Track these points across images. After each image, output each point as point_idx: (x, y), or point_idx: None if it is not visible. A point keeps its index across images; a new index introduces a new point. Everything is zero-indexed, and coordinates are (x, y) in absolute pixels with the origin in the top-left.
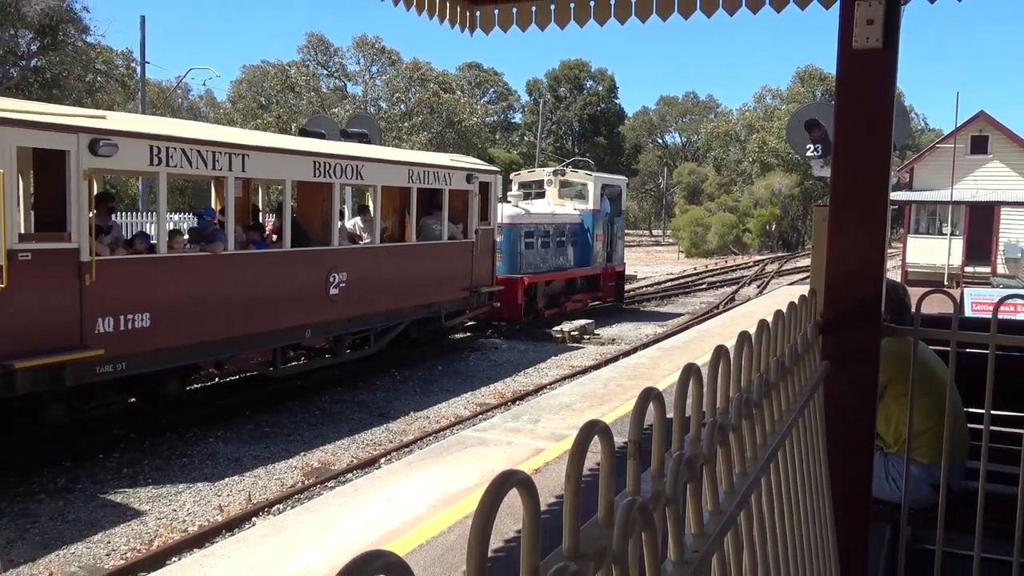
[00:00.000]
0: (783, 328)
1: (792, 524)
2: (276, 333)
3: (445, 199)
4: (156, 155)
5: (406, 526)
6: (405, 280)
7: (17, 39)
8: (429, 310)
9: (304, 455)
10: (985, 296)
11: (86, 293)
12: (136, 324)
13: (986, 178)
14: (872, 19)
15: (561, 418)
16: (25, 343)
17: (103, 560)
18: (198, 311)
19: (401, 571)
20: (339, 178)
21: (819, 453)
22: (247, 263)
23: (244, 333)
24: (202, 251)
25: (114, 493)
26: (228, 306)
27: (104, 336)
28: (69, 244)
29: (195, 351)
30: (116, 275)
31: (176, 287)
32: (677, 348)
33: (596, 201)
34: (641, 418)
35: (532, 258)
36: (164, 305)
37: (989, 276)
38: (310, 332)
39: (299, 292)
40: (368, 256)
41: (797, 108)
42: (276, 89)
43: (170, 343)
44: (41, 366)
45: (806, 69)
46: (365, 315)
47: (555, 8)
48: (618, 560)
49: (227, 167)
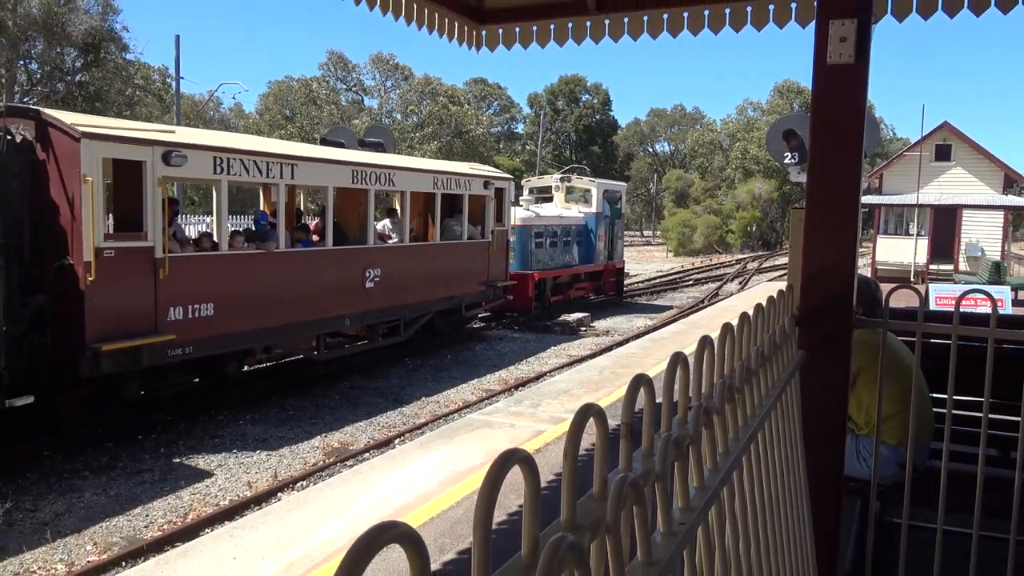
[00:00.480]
0: (763, 320)
1: (771, 499)
2: (320, 322)
3: (465, 203)
4: (219, 165)
5: (418, 501)
6: (430, 275)
7: (63, 56)
8: (451, 302)
9: (325, 436)
10: (948, 291)
11: (160, 285)
12: (201, 313)
13: (949, 183)
14: (845, 37)
15: (560, 403)
16: (109, 329)
17: (142, 531)
18: (254, 302)
19: (412, 540)
20: (374, 184)
21: (795, 434)
22: (295, 260)
23: (293, 321)
24: (257, 249)
25: (152, 470)
26: (279, 297)
27: (175, 323)
28: (146, 243)
29: (251, 337)
30: (185, 270)
31: (235, 281)
32: (666, 339)
33: (599, 205)
34: (632, 402)
35: (541, 256)
36: (225, 296)
37: (952, 273)
38: (349, 321)
39: (339, 286)
40: (399, 254)
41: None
42: (300, 102)
43: (230, 330)
44: (122, 349)
45: (784, 83)
46: (396, 306)
47: (554, 28)
48: (611, 531)
49: (279, 175)
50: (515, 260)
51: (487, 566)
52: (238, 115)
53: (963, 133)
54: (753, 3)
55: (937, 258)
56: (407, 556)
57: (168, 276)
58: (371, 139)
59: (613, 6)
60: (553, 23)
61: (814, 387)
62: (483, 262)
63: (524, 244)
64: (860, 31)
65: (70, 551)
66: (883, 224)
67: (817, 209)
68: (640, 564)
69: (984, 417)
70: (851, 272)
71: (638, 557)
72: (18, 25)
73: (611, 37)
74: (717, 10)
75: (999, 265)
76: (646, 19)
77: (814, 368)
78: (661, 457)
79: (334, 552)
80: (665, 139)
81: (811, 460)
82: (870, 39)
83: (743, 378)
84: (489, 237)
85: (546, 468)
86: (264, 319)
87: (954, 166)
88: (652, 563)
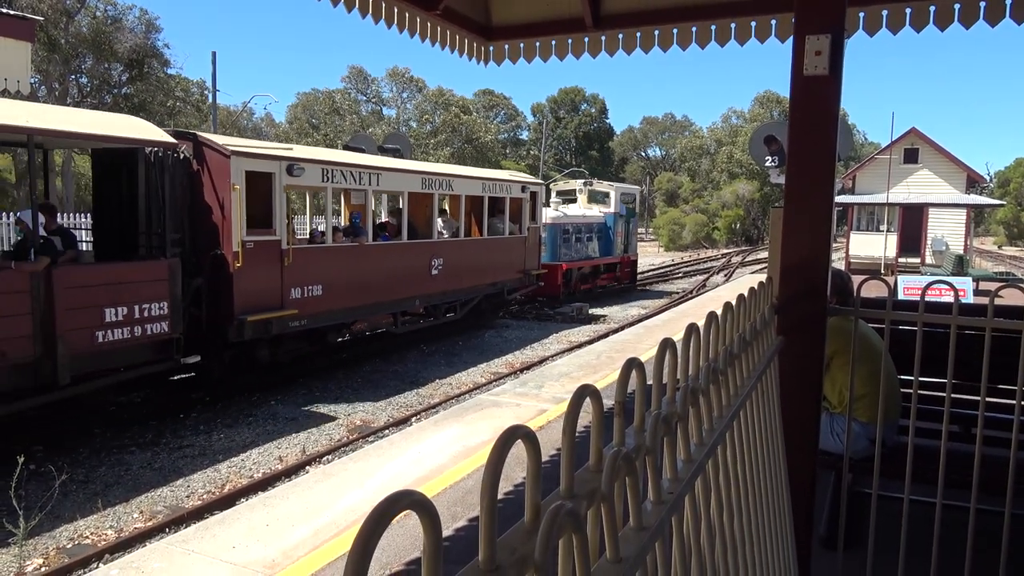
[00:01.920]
0: (744, 309)
1: (751, 471)
2: (398, 301)
3: (507, 205)
4: (326, 175)
5: (433, 473)
6: (480, 265)
7: (110, 71)
8: (495, 287)
9: (348, 415)
10: (915, 282)
11: (284, 271)
12: (313, 293)
13: (917, 184)
14: (820, 50)
15: (560, 384)
16: (249, 304)
17: (184, 501)
18: (350, 285)
19: (425, 507)
20: (437, 189)
21: (774, 412)
22: (380, 251)
23: (378, 301)
24: (352, 243)
25: (192, 446)
26: (368, 282)
27: (295, 301)
28: (275, 236)
29: (348, 313)
30: (302, 258)
31: (337, 268)
32: (657, 326)
33: (616, 206)
34: (625, 383)
35: (568, 249)
36: (330, 280)
37: (919, 266)
38: (418, 301)
39: (412, 272)
40: (456, 247)
41: (758, 126)
42: (324, 112)
43: (334, 307)
44: (259, 320)
45: (764, 94)
46: (455, 290)
47: (555, 44)
48: (606, 499)
49: (369, 183)
50: (546, 253)
51: (493, 529)
52: (269, 124)
53: (929, 138)
54: (737, 20)
55: (905, 252)
56: (420, 522)
57: (291, 263)
58: (389, 145)
59: (609, 24)
60: (554, 39)
61: (791, 369)
62: (520, 254)
63: (553, 239)
64: (833, 45)
65: (119, 518)
66: (856, 221)
67: (795, 208)
68: (632, 529)
69: (947, 396)
70: (826, 265)
71: (630, 523)
72: (69, 43)
73: (607, 51)
74: (703, 27)
75: (962, 258)
76: (639, 35)
77: (791, 352)
78: (651, 433)
79: (357, 519)
80: (656, 144)
81: (789, 436)
82: (843, 53)
83: (726, 361)
84: (525, 233)
85: (548, 444)
86: (358, 299)
87: (921, 168)
88: (643, 528)
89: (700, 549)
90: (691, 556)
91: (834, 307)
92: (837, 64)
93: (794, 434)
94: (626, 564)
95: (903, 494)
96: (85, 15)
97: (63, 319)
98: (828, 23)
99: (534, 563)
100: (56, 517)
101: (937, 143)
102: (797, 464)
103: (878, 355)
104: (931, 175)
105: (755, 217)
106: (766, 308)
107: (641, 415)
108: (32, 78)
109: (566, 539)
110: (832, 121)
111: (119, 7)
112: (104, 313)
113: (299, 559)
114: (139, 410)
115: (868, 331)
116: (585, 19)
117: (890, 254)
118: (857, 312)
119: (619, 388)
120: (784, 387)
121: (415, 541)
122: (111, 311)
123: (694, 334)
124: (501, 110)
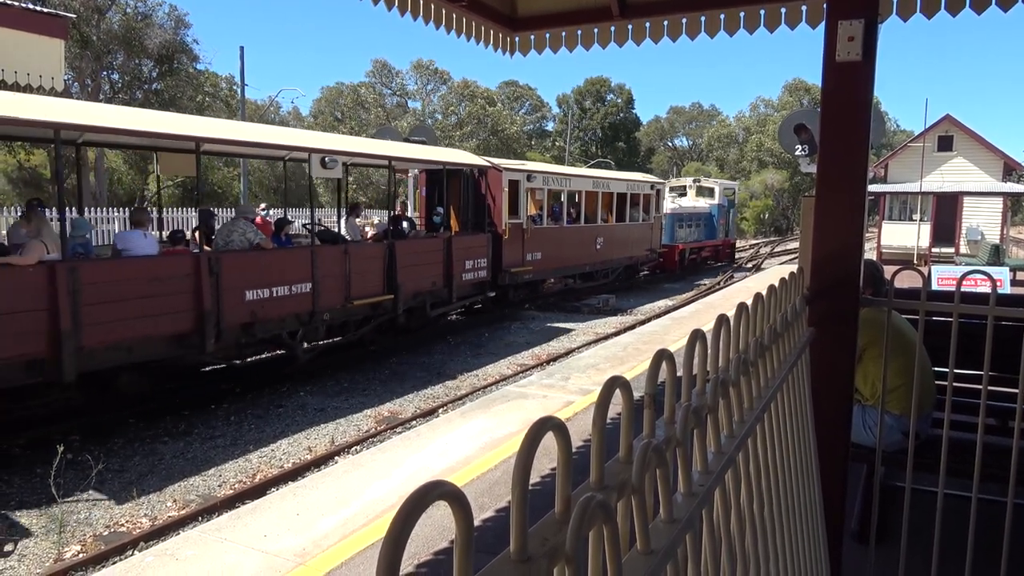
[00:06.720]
0: (775, 300)
1: (783, 463)
2: (577, 266)
3: (641, 199)
4: (544, 180)
5: (459, 464)
6: (623, 243)
7: (141, 67)
8: (631, 260)
9: (376, 406)
10: (949, 272)
11: (525, 243)
12: (536, 257)
13: (951, 172)
14: (853, 36)
15: (587, 376)
16: (509, 262)
17: (215, 490)
18: (553, 253)
19: (457, 497)
20: (600, 188)
21: (805, 405)
22: (571, 231)
23: (566, 265)
24: (556, 224)
25: (224, 436)
26: (563, 253)
27: (529, 261)
28: (520, 220)
29: (551, 272)
30: (533, 235)
31: (549, 242)
32: (685, 318)
33: (719, 198)
34: (655, 374)
35: (682, 233)
36: (544, 250)
37: (953, 256)
38: (588, 267)
39: (584, 246)
40: (611, 229)
41: (787, 114)
42: (349, 106)
43: (546, 267)
44: (513, 271)
45: (793, 81)
46: (609, 260)
47: (581, 33)
48: (636, 491)
49: (564, 185)
50: (665, 236)
51: (525, 520)
52: (296, 118)
53: (964, 125)
54: (766, 6)
55: (939, 242)
56: (452, 512)
57: (529, 238)
58: (415, 138)
59: (635, 12)
60: (580, 29)
61: (823, 361)
62: (648, 236)
63: (671, 225)
64: (867, 31)
65: (153, 507)
66: (888, 210)
67: (826, 197)
68: (663, 522)
69: (984, 389)
70: (858, 255)
71: (660, 515)
72: (101, 40)
73: (634, 41)
74: (732, 13)
75: (998, 248)
76: (666, 23)
77: (823, 344)
78: (682, 425)
79: (385, 509)
80: (684, 134)
81: (820, 428)
82: (876, 38)
83: (757, 353)
84: (652, 220)
85: (575, 435)
86: (556, 263)
87: (955, 156)
88: (673, 521)
89: (731, 542)
90: (721, 549)
91: (867, 298)
92: (871, 50)
93: (825, 427)
94: (656, 556)
95: (937, 488)
96: (116, 12)
97: (451, 267)
98: (861, 8)
99: (565, 554)
100: (92, 505)
101: (972, 130)
102: (828, 457)
103: (912, 346)
104: (966, 163)
105: (784, 207)
106: (797, 299)
107: (671, 407)
108: (65, 75)
109: (596, 530)
110: (865, 109)
111: (149, 3)
112: (465, 264)
113: (329, 548)
114: (171, 401)
115: (901, 322)
116: (612, 8)
117: (923, 244)
118: (891, 303)
119: (649, 379)
120: (815, 379)
121: (442, 532)
122: (468, 263)
123: (724, 325)
124: (526, 101)
